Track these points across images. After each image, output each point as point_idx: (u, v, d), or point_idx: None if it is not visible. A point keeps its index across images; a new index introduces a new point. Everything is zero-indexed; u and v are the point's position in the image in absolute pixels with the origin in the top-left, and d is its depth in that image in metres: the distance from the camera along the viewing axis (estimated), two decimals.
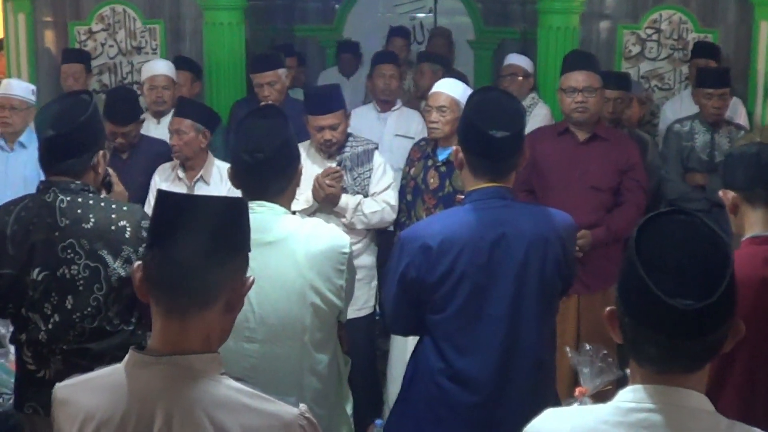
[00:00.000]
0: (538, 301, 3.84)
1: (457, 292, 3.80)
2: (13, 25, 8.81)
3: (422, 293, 3.86)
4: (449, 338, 3.87)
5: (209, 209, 2.42)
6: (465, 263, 3.77)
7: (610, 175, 6.01)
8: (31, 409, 4.11)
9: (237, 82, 8.09)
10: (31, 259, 3.96)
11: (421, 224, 4.27)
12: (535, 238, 3.81)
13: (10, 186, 6.71)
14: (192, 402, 2.36)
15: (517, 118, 3.85)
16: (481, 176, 3.85)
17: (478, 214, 3.83)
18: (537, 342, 3.88)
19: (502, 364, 3.83)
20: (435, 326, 3.90)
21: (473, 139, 3.83)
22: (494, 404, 3.86)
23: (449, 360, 3.86)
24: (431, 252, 3.79)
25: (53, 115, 4.04)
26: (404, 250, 3.89)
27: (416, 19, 11.16)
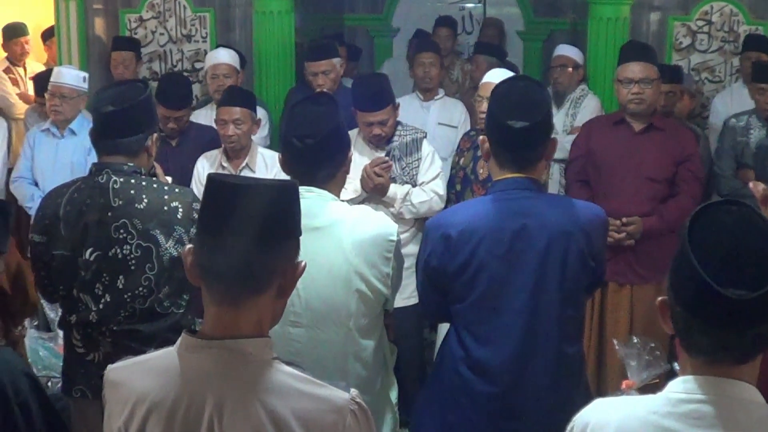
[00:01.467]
0: (559, 293, 3.80)
1: (476, 282, 3.78)
2: (65, 13, 8.85)
3: (444, 282, 3.86)
4: (469, 327, 3.86)
5: (261, 195, 2.40)
6: (484, 253, 3.76)
7: (665, 166, 5.98)
8: (79, 392, 4.15)
9: (286, 71, 8.09)
10: (84, 240, 4.01)
11: (445, 213, 4.27)
12: (558, 230, 3.78)
13: (58, 171, 6.78)
14: (244, 386, 2.36)
15: (540, 108, 3.79)
16: (506, 167, 3.83)
17: (501, 204, 3.82)
18: (558, 335, 3.84)
19: (520, 356, 3.81)
20: (457, 315, 3.90)
21: (495, 129, 3.83)
22: (512, 395, 3.84)
23: (469, 349, 3.86)
24: (451, 241, 3.78)
25: (111, 95, 4.10)
26: (428, 238, 3.90)
27: (465, 10, 11.11)
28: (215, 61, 7.47)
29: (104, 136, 4.07)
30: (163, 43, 8.65)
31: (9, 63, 9.74)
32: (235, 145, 6.16)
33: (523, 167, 3.80)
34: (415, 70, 7.53)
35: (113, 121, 4.03)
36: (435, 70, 7.45)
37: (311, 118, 3.81)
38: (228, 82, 7.29)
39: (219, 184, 2.43)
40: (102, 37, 8.86)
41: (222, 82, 7.29)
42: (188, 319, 4.11)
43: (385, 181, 5.70)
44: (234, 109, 6.14)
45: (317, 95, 4.39)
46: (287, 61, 8.08)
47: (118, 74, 7.84)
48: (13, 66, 9.74)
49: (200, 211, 2.50)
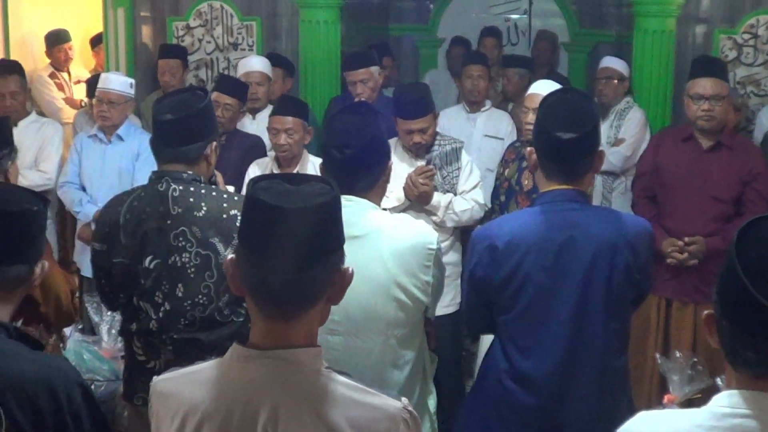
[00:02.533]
0: (605, 306, 3.80)
1: (522, 293, 3.80)
2: (113, 20, 8.91)
3: (489, 293, 3.87)
4: (514, 339, 3.88)
5: (304, 218, 2.36)
6: (530, 265, 3.77)
7: (732, 185, 5.93)
8: (140, 400, 4.14)
9: (332, 80, 8.11)
10: (144, 248, 4.03)
11: (491, 224, 4.26)
12: (604, 242, 3.78)
13: (106, 177, 6.83)
14: (298, 395, 2.37)
15: (588, 119, 3.80)
16: (553, 178, 3.84)
17: (548, 216, 3.82)
18: (602, 347, 3.85)
19: (565, 368, 3.82)
20: (501, 326, 3.92)
21: (542, 140, 3.83)
22: (555, 407, 3.85)
23: (513, 361, 3.87)
24: (497, 252, 3.80)
25: (170, 103, 4.11)
26: (474, 249, 3.92)
27: (511, 21, 11.11)
28: (248, 69, 7.50)
29: (163, 144, 4.09)
30: (210, 51, 8.70)
31: (53, 69, 9.82)
32: (287, 154, 6.18)
33: (570, 179, 3.81)
34: (463, 82, 7.52)
35: (172, 130, 4.04)
36: (483, 82, 7.44)
37: (350, 128, 3.81)
38: (260, 90, 7.37)
39: (260, 204, 2.39)
40: (149, 45, 8.92)
41: (254, 89, 7.34)
42: (248, 328, 4.08)
43: (429, 189, 5.71)
44: (286, 119, 6.16)
45: (356, 105, 4.40)
46: (333, 71, 8.10)
47: (165, 82, 7.90)
48: (57, 72, 9.82)
49: (241, 227, 2.49)
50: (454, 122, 7.12)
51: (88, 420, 2.77)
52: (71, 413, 2.72)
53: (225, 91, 6.84)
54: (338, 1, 8.15)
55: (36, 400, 2.65)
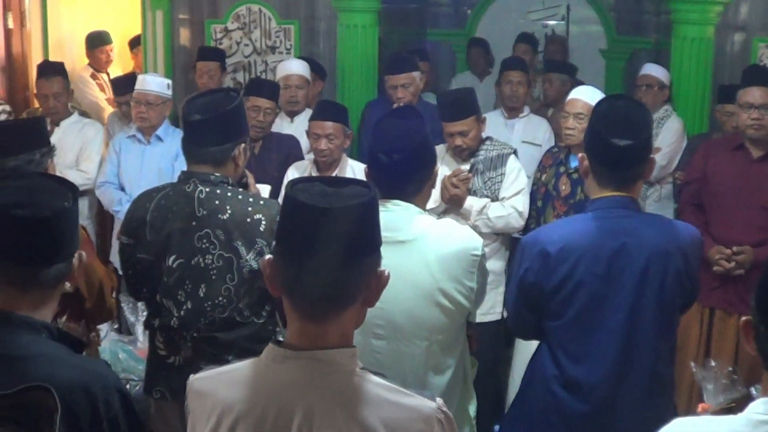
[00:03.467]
0: (656, 313, 3.80)
1: (574, 299, 3.79)
2: (151, 22, 8.95)
3: (540, 299, 3.86)
4: (564, 345, 3.87)
5: (343, 218, 2.36)
6: (583, 271, 3.76)
7: None
8: (159, 393, 4.21)
9: (368, 84, 8.11)
10: (168, 247, 4.06)
11: (542, 229, 4.26)
12: (657, 249, 3.77)
13: (145, 177, 6.83)
14: (333, 396, 2.36)
15: (643, 126, 3.81)
16: (606, 185, 3.83)
17: (600, 222, 3.81)
18: (653, 355, 3.84)
19: (616, 375, 3.81)
20: (551, 333, 3.90)
21: (597, 146, 3.82)
22: (606, 414, 3.84)
23: (563, 367, 3.86)
24: (550, 258, 3.79)
25: (200, 103, 4.12)
26: (524, 254, 3.91)
27: (548, 27, 11.09)
28: (287, 72, 7.50)
29: (191, 144, 4.10)
30: (248, 54, 8.72)
31: (93, 70, 9.88)
32: (327, 159, 6.18)
33: (623, 186, 3.81)
34: (501, 87, 7.48)
35: (200, 130, 4.05)
36: (522, 88, 7.41)
37: (398, 133, 3.81)
38: (300, 93, 7.38)
39: (298, 204, 2.39)
40: (187, 47, 8.95)
41: (293, 92, 7.37)
42: (269, 330, 4.14)
43: (461, 192, 5.69)
44: (326, 124, 6.15)
45: (402, 109, 4.39)
46: (370, 75, 8.11)
47: (203, 84, 7.90)
48: (97, 73, 9.88)
49: (279, 228, 2.49)
50: (492, 128, 7.04)
51: (126, 427, 2.78)
52: (109, 419, 2.71)
53: (263, 95, 6.83)
54: (376, 6, 8.16)
55: (74, 406, 2.63)
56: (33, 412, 1.93)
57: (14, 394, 1.94)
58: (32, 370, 2.65)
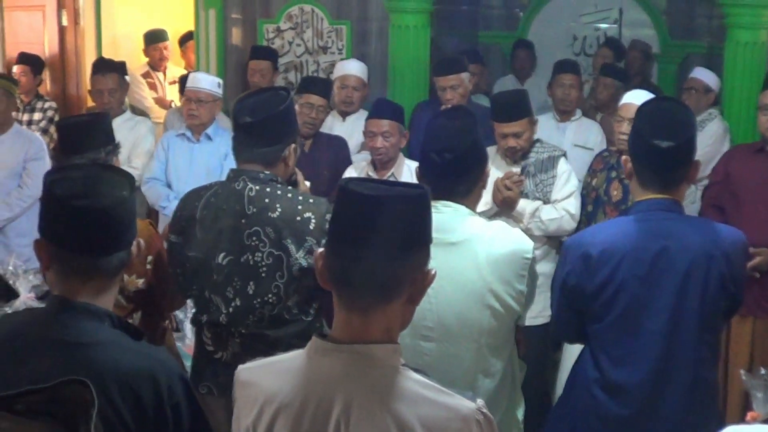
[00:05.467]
0: (699, 317, 3.76)
1: (615, 303, 3.76)
2: (204, 21, 9.00)
3: (581, 302, 3.84)
4: (605, 348, 3.85)
5: (393, 206, 2.39)
6: (625, 274, 3.73)
7: None
8: (205, 388, 4.22)
9: (420, 85, 8.08)
10: (218, 244, 4.07)
11: (585, 232, 4.23)
12: (700, 252, 3.74)
13: (193, 176, 6.84)
14: (372, 391, 2.38)
15: (686, 128, 3.78)
16: (649, 187, 3.81)
17: (642, 225, 3.79)
18: (695, 359, 3.80)
19: (657, 379, 3.78)
20: (593, 335, 3.89)
21: (640, 149, 3.80)
22: (646, 419, 3.81)
23: (604, 370, 3.84)
24: (591, 260, 3.77)
25: (251, 104, 4.11)
26: (567, 257, 3.90)
27: (600, 30, 11.03)
28: (345, 72, 7.52)
29: (242, 145, 4.11)
30: (300, 53, 8.75)
31: (150, 68, 9.94)
32: (383, 157, 6.21)
33: (666, 188, 3.78)
34: (554, 90, 7.46)
35: (250, 132, 4.05)
36: (575, 92, 7.39)
37: (450, 133, 3.80)
38: (355, 95, 7.40)
39: (351, 194, 2.43)
40: (239, 46, 9.00)
41: (350, 93, 7.39)
42: (316, 327, 4.13)
43: (514, 195, 5.65)
44: (383, 122, 6.18)
45: (454, 109, 4.37)
46: (421, 76, 8.08)
47: (255, 83, 7.92)
48: (153, 71, 9.94)
49: (332, 218, 2.52)
50: (544, 131, 7.00)
51: (188, 413, 2.79)
52: (171, 406, 2.73)
53: (316, 92, 6.87)
54: (428, 7, 8.13)
55: (138, 391, 2.66)
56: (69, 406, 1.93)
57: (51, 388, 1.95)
58: (97, 357, 2.68)
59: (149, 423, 2.70)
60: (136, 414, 2.66)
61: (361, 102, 7.46)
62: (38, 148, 7.27)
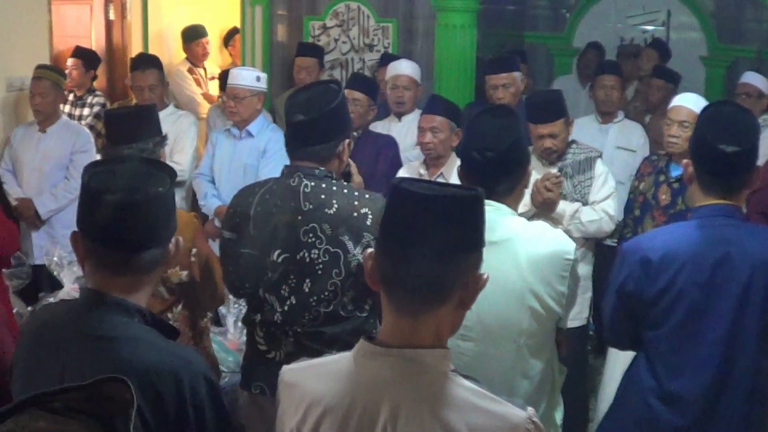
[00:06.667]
0: (759, 326, 3.69)
1: (674, 309, 3.71)
2: (250, 17, 9.02)
3: (639, 308, 3.78)
4: (662, 357, 3.78)
5: (446, 207, 2.35)
6: (684, 281, 3.68)
7: None
8: (258, 388, 4.19)
9: (465, 85, 8.06)
10: (273, 241, 4.03)
11: (644, 236, 4.18)
12: (762, 260, 3.67)
13: (233, 172, 6.89)
14: (420, 396, 2.34)
15: (751, 133, 3.73)
16: (710, 192, 3.75)
17: (703, 231, 3.73)
18: (754, 369, 3.74)
19: (714, 389, 3.72)
20: (649, 343, 3.82)
21: (703, 153, 3.75)
22: (702, 429, 3.75)
23: (660, 379, 3.78)
24: (651, 266, 3.71)
25: (303, 101, 4.08)
26: (625, 261, 3.83)
27: (648, 33, 10.98)
28: (396, 72, 7.46)
29: (295, 143, 4.07)
30: (345, 51, 8.75)
31: (190, 64, 9.97)
32: (431, 153, 6.18)
33: (728, 193, 3.73)
34: (596, 91, 7.43)
35: (303, 130, 4.02)
36: (616, 93, 7.35)
37: (492, 131, 3.75)
38: (407, 95, 7.34)
39: (403, 193, 2.39)
40: (285, 43, 9.00)
41: (401, 93, 7.34)
42: (371, 323, 4.09)
43: (554, 196, 5.61)
44: (434, 117, 6.16)
45: (497, 107, 4.32)
46: (467, 75, 8.07)
47: (300, 80, 7.92)
48: (194, 67, 9.97)
49: (383, 217, 2.48)
50: (586, 132, 6.99)
51: (211, 414, 2.77)
52: (194, 406, 2.71)
53: (354, 87, 6.88)
54: (475, 6, 8.11)
55: (160, 389, 2.64)
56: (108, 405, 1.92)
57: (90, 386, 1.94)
58: (120, 352, 2.67)
59: (170, 422, 2.68)
60: (156, 412, 2.64)
61: (413, 102, 7.41)
62: (85, 141, 7.33)
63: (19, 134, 7.40)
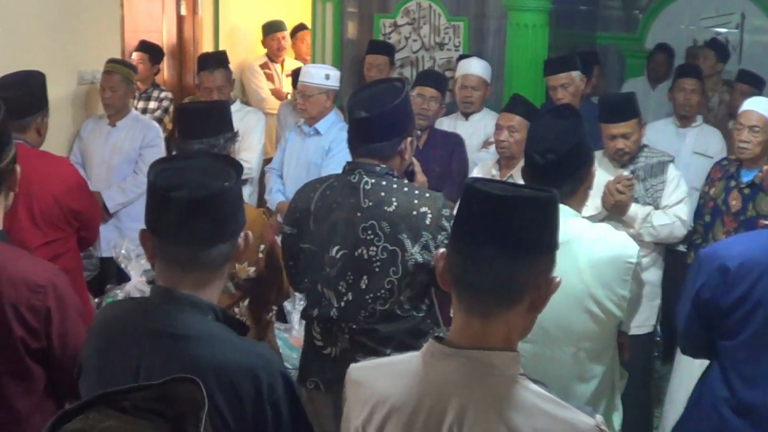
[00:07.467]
0: None
1: (751, 319, 3.61)
2: (321, 15, 9.03)
3: (714, 316, 3.70)
4: (738, 367, 3.70)
5: (520, 208, 2.34)
6: (763, 290, 3.58)
7: None
8: (312, 384, 4.21)
9: (536, 85, 7.97)
10: (332, 237, 4.05)
11: (721, 244, 4.12)
12: None
13: (299, 169, 6.93)
14: (487, 399, 2.32)
15: None
16: None
17: None
18: None
19: None
20: (724, 352, 3.74)
21: None
22: None
23: (735, 390, 3.70)
24: (729, 274, 3.62)
25: (366, 98, 4.09)
26: (701, 269, 3.74)
27: (721, 35, 10.84)
28: (466, 72, 7.44)
29: (357, 139, 4.08)
30: (416, 49, 8.72)
31: (268, 59, 10.00)
32: (505, 152, 6.17)
33: None
34: (675, 95, 7.31)
35: (366, 127, 4.02)
36: (696, 97, 7.21)
37: (554, 133, 3.73)
38: (475, 95, 7.33)
39: (476, 193, 2.37)
40: (355, 41, 8.99)
41: (469, 93, 7.33)
42: (427, 324, 4.09)
43: (626, 198, 5.56)
44: (512, 116, 6.17)
45: (561, 108, 4.29)
46: (538, 76, 7.97)
47: (371, 77, 7.89)
48: (271, 62, 9.99)
49: (456, 217, 2.46)
50: (663, 136, 6.91)
51: (288, 411, 2.76)
52: (271, 403, 2.71)
53: (429, 84, 6.88)
54: (548, 6, 8.05)
55: (238, 386, 2.65)
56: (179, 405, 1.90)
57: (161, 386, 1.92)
58: (197, 350, 2.67)
59: (248, 420, 2.69)
60: (234, 410, 2.65)
61: (482, 102, 7.40)
62: (154, 135, 7.38)
63: (89, 127, 7.46)
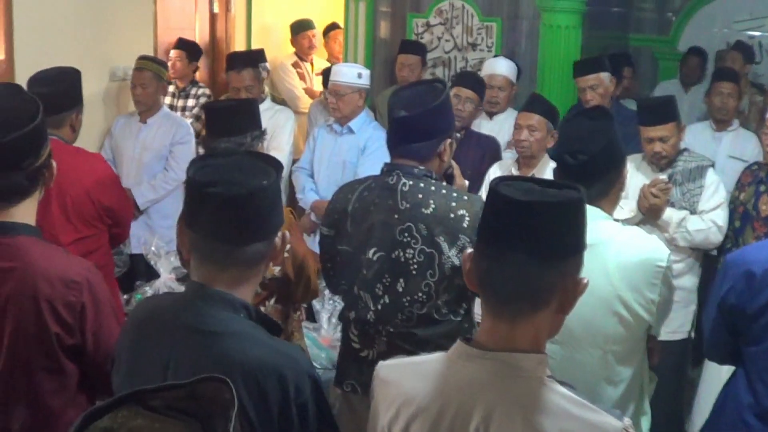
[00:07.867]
0: None
1: None
2: (353, 14, 9.04)
3: (740, 322, 3.69)
4: (762, 374, 3.68)
5: (546, 214, 2.32)
6: None
7: None
8: (349, 386, 4.19)
9: (569, 86, 7.94)
10: (369, 239, 4.03)
11: (748, 249, 4.09)
12: None
13: (332, 168, 6.95)
14: (514, 401, 2.31)
15: None
16: None
17: None
18: None
19: None
20: (749, 359, 3.73)
21: None
22: None
23: (759, 396, 3.68)
24: (755, 280, 3.60)
25: (406, 97, 4.05)
26: (727, 274, 3.73)
27: (755, 39, 10.78)
28: (492, 72, 7.48)
29: (396, 139, 4.05)
30: (449, 49, 8.72)
31: (297, 58, 10.00)
32: (525, 151, 6.16)
33: None
34: (711, 99, 7.27)
35: (405, 127, 3.98)
36: (733, 101, 7.17)
37: (584, 134, 3.71)
38: (501, 95, 7.36)
39: (500, 197, 2.35)
40: (388, 40, 9.00)
41: (495, 93, 7.35)
42: (465, 328, 4.06)
43: (660, 202, 5.54)
44: (532, 116, 6.15)
45: (592, 109, 4.27)
46: (571, 77, 7.97)
47: (403, 77, 7.93)
48: (301, 61, 9.99)
49: (481, 220, 2.45)
50: (699, 140, 6.87)
51: (314, 413, 2.76)
52: (298, 405, 2.70)
53: (465, 85, 6.88)
54: (581, 7, 8.03)
55: (264, 386, 2.64)
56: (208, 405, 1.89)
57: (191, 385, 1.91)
58: (226, 347, 2.67)
59: (273, 420, 2.68)
60: (260, 409, 2.65)
61: (507, 102, 7.42)
62: (185, 132, 7.38)
63: (120, 124, 7.47)
